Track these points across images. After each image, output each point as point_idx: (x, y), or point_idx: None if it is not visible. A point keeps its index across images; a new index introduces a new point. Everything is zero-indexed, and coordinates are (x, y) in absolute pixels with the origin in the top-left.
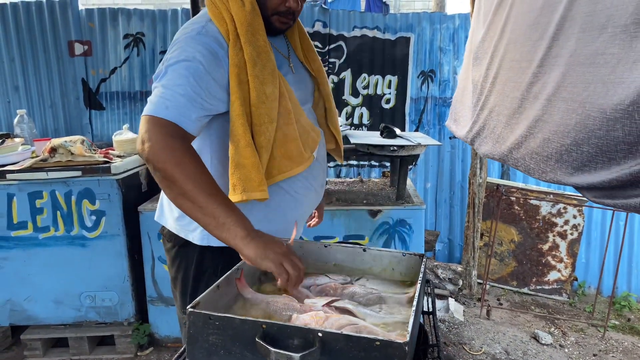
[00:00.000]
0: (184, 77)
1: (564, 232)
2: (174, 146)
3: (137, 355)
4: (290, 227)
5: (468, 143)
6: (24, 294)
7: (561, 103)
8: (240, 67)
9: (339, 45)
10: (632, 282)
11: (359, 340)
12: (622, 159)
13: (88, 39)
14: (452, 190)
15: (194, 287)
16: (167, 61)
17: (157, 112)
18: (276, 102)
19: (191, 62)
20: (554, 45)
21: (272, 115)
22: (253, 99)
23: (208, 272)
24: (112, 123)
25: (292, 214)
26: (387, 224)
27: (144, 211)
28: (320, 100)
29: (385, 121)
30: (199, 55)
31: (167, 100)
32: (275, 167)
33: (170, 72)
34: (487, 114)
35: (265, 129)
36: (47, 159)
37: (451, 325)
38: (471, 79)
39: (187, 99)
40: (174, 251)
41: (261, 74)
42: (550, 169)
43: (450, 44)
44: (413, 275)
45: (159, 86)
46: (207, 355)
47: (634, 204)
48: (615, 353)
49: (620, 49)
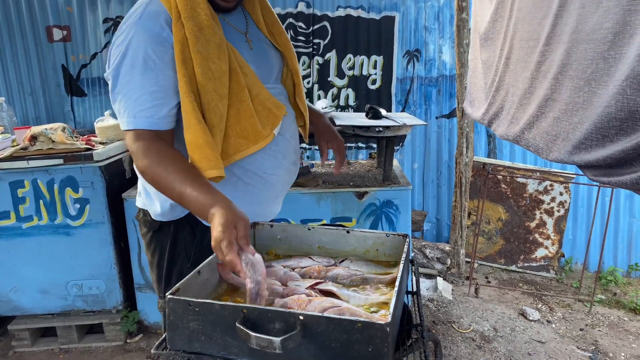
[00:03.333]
0: (138, 77)
1: (550, 209)
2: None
3: (127, 342)
4: (262, 205)
5: (485, 125)
6: (9, 285)
7: (568, 81)
8: (184, 43)
9: (323, 25)
10: (618, 257)
11: (341, 322)
12: (614, 136)
13: (67, 24)
14: (439, 170)
15: (168, 271)
16: (116, 58)
17: (129, 125)
18: (225, 77)
19: (140, 56)
20: (558, 22)
21: (221, 92)
22: (199, 76)
23: (181, 255)
24: (95, 110)
25: (264, 194)
26: (374, 205)
27: (128, 198)
28: (289, 75)
29: (372, 102)
30: (145, 45)
31: (132, 110)
32: (231, 146)
33: (124, 74)
34: (504, 94)
35: (214, 106)
36: (28, 148)
37: (440, 304)
38: (481, 59)
39: (149, 100)
40: (149, 236)
41: (204, 50)
42: (557, 148)
43: (436, 23)
44: (397, 256)
45: (119, 96)
46: (188, 342)
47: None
48: (601, 327)
49: (615, 23)
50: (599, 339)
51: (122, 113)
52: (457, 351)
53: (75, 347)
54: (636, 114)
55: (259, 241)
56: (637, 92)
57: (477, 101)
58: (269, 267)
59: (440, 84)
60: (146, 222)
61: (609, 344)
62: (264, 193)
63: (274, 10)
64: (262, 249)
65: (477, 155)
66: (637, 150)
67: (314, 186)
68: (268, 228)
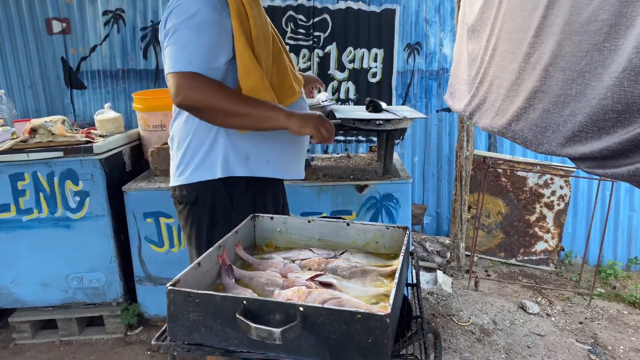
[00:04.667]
0: (197, 31)
1: (550, 202)
2: (202, 86)
3: (127, 334)
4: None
5: (466, 117)
6: (9, 277)
7: (559, 73)
8: (241, 12)
9: (324, 18)
10: (618, 250)
11: (340, 313)
12: (610, 128)
13: (66, 16)
14: (439, 164)
15: (208, 240)
16: (175, 19)
17: (182, 67)
18: (270, 39)
19: (199, 17)
20: (549, 14)
21: (268, 51)
22: (254, 36)
23: (220, 222)
24: (94, 102)
25: (296, 148)
26: (374, 199)
27: (128, 191)
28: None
29: (372, 95)
30: (204, 9)
31: (188, 55)
32: (272, 98)
33: (183, 29)
34: (487, 86)
35: (263, 60)
36: (28, 140)
37: (439, 297)
38: (466, 51)
39: (205, 49)
40: (186, 211)
41: (257, 15)
42: (547, 141)
43: (436, 16)
44: (397, 248)
45: (175, 43)
46: (188, 333)
47: (623, 172)
48: (600, 320)
49: (610, 15)
50: (598, 332)
51: (174, 58)
52: (456, 344)
53: (76, 339)
54: (634, 105)
55: (259, 233)
56: (635, 84)
57: (459, 93)
58: (269, 259)
59: (440, 77)
60: (182, 198)
61: (608, 337)
62: (296, 146)
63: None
64: (262, 241)
65: (477, 148)
66: (634, 142)
67: (314, 179)
68: (268, 220)
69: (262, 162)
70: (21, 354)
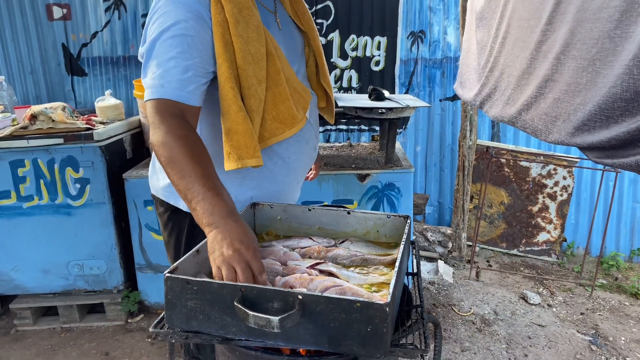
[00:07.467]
0: (173, 49)
1: (553, 193)
2: (172, 130)
3: (128, 322)
4: (284, 191)
5: (477, 106)
6: (10, 264)
7: (571, 61)
8: (224, 26)
9: (327, 5)
10: (620, 241)
11: (340, 302)
12: (619, 117)
13: (67, 2)
14: (442, 153)
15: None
16: (152, 32)
17: (155, 94)
18: (263, 61)
19: (177, 30)
20: (562, 1)
21: (260, 76)
22: (239, 61)
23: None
24: (95, 89)
25: (285, 180)
26: (376, 188)
27: (129, 178)
28: (311, 56)
29: (375, 84)
30: (184, 20)
31: (161, 79)
32: (267, 130)
33: (159, 46)
34: (498, 75)
35: (254, 91)
36: (28, 127)
37: (440, 287)
38: (475, 40)
39: (180, 72)
40: (166, 216)
41: (245, 33)
42: (557, 130)
43: (440, 3)
44: (398, 237)
45: (151, 65)
46: (186, 321)
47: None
48: (602, 311)
49: (622, 1)
50: (599, 323)
51: (149, 83)
52: (457, 334)
53: (77, 326)
54: None
55: (259, 221)
56: None
57: (469, 82)
58: (269, 247)
59: (444, 66)
60: (162, 202)
61: (610, 328)
62: (286, 178)
63: None
64: (262, 229)
65: (480, 138)
66: None
67: None
68: (268, 208)
69: (247, 198)
70: (22, 340)
